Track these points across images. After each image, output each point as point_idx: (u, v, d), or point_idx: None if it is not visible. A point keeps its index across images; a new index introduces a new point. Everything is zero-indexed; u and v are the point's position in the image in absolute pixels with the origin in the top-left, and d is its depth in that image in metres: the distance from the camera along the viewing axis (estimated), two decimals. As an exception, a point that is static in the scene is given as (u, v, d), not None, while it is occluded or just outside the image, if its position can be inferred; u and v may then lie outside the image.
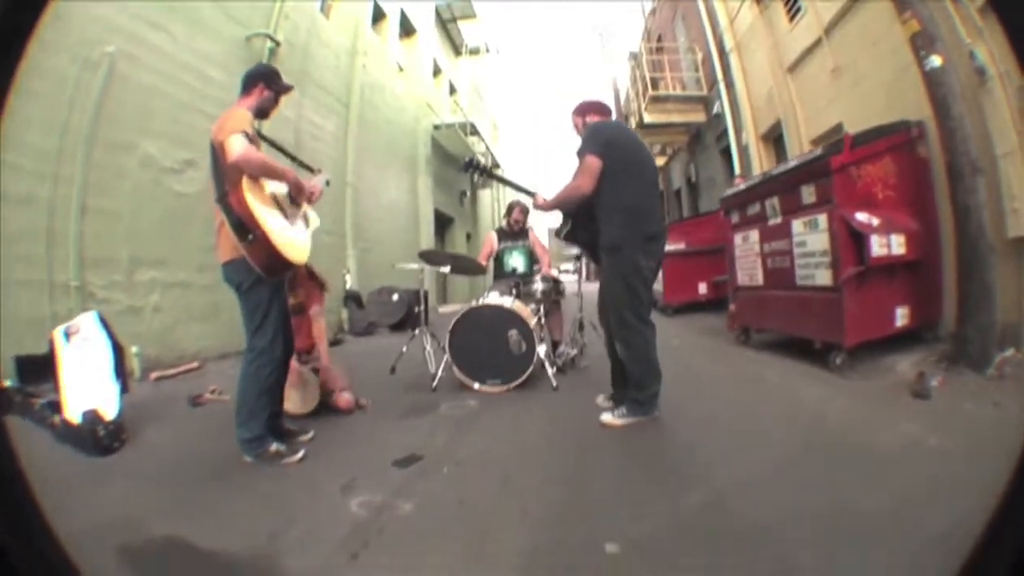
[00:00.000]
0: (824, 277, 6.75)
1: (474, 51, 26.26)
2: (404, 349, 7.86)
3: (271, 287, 4.29)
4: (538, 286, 7.40)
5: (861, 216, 6.44)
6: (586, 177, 4.87)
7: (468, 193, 26.43)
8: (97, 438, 4.38)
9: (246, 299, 4.30)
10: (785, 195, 7.71)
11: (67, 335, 4.75)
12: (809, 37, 10.77)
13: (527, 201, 6.27)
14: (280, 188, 4.36)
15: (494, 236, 8.55)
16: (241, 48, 9.96)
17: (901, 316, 6.54)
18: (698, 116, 18.22)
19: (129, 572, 2.66)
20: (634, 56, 21.53)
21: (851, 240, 6.41)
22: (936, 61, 6.18)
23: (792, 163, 7.65)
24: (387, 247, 15.89)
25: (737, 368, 7.26)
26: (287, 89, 4.75)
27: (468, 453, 4.48)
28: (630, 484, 3.66)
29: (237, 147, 3.88)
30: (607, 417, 4.94)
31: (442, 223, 20.89)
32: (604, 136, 5.02)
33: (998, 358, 5.52)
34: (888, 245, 6.33)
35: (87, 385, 4.62)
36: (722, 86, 15.60)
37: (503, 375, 6.42)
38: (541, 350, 6.41)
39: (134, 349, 7.00)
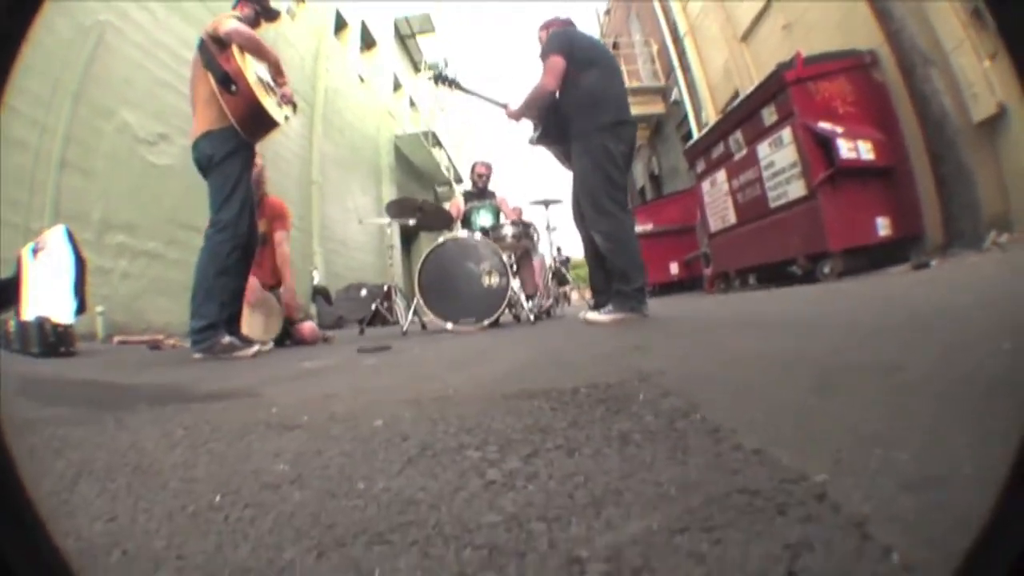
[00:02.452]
0: (797, 189, 6.71)
1: (433, 67, 26.25)
2: (373, 307, 7.65)
3: (242, 162, 4.30)
4: (508, 230, 7.12)
5: (824, 124, 6.43)
6: (549, 75, 4.81)
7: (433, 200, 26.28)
8: (45, 335, 4.21)
9: (216, 172, 4.23)
10: (747, 124, 7.70)
11: (34, 251, 4.66)
12: (759, 1, 10.81)
13: (487, 159, 6.16)
14: (263, 74, 4.44)
15: (460, 198, 8.36)
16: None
17: (883, 226, 6.45)
18: (657, 108, 18.39)
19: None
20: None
21: (818, 146, 6.38)
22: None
23: (749, 89, 7.66)
24: (353, 251, 15.69)
25: (723, 304, 7.02)
26: (270, 11, 4.82)
27: (439, 347, 4.30)
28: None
29: (230, 23, 4.16)
30: (591, 315, 4.72)
31: (407, 239, 20.73)
32: (562, 36, 4.99)
33: (991, 236, 5.42)
34: (856, 149, 6.31)
35: (45, 295, 4.49)
36: (679, 71, 15.81)
37: (476, 312, 6.13)
38: (515, 284, 6.21)
39: (99, 308, 6.87)
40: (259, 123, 4.29)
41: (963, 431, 1.02)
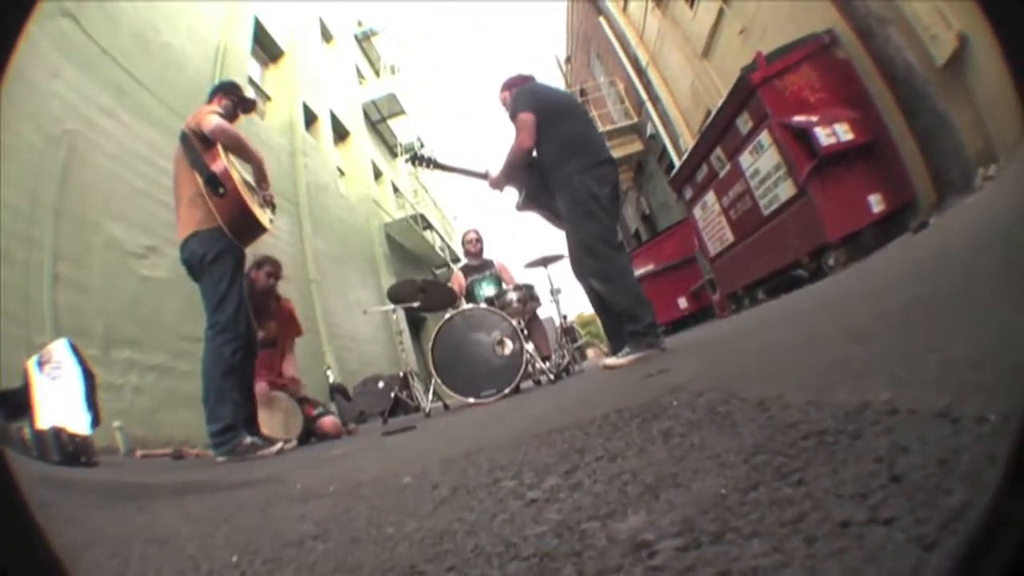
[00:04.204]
0: (787, 190, 6.67)
1: (408, 149, 26.56)
2: (392, 395, 7.55)
3: (234, 261, 4.23)
4: (512, 295, 6.99)
5: (799, 118, 6.42)
6: (523, 133, 4.79)
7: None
8: (63, 444, 4.02)
9: (209, 273, 4.17)
10: (724, 138, 7.72)
11: (40, 364, 4.50)
12: (712, 12, 11.05)
13: (478, 227, 6.12)
14: (247, 175, 4.50)
15: (460, 274, 8.28)
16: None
17: (876, 203, 6.35)
18: (635, 146, 18.44)
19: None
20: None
21: (797, 141, 6.36)
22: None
23: (718, 103, 7.70)
24: (363, 344, 15.61)
25: (737, 320, 7.01)
26: (247, 101, 4.89)
27: (463, 418, 4.28)
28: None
29: (215, 119, 4.15)
30: (610, 360, 4.55)
31: (415, 322, 20.69)
32: (527, 93, 4.99)
33: (979, 173, 5.35)
34: (834, 134, 6.25)
35: (58, 407, 4.31)
36: (649, 104, 15.86)
37: (496, 382, 5.85)
38: (530, 347, 6.11)
39: (116, 423, 6.68)
40: (248, 227, 4.26)
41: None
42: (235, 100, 4.71)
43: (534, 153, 4.88)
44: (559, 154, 4.70)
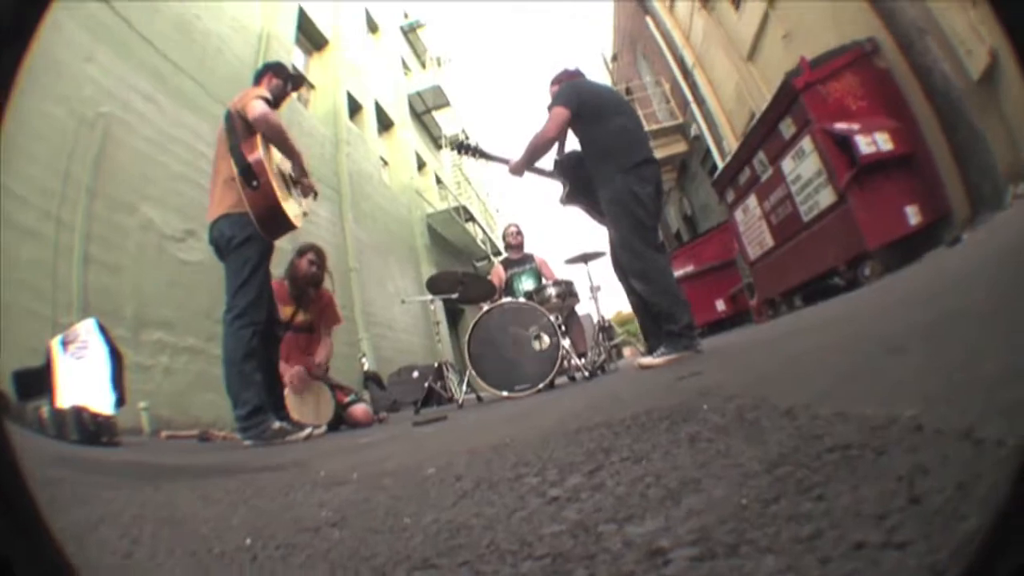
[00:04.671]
0: (827, 197, 6.59)
1: (453, 139, 26.47)
2: (426, 385, 7.58)
3: (261, 248, 4.25)
4: (551, 291, 6.94)
5: (840, 125, 6.36)
6: (550, 124, 4.79)
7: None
8: (83, 423, 4.02)
9: (235, 255, 4.20)
10: (767, 142, 7.65)
11: (64, 343, 4.51)
12: (757, 15, 10.92)
13: (519, 222, 6.18)
14: (284, 167, 4.49)
15: (500, 267, 8.28)
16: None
17: (912, 215, 6.24)
18: (679, 147, 18.31)
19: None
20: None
21: (838, 148, 6.30)
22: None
23: (762, 106, 7.64)
24: (400, 333, 15.69)
25: (773, 327, 6.91)
26: (298, 79, 4.92)
27: (495, 411, 4.25)
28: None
29: (260, 107, 4.12)
30: (646, 359, 4.52)
31: (453, 313, 20.69)
32: (570, 89, 4.95)
33: (1011, 192, 5.24)
34: (875, 143, 6.17)
35: (82, 386, 4.35)
36: (694, 105, 15.73)
37: (530, 377, 5.83)
38: (566, 343, 6.08)
39: (142, 404, 6.75)
40: (276, 223, 4.24)
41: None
42: (285, 78, 4.74)
43: (567, 147, 5.04)
44: (602, 151, 4.68)
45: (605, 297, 40.41)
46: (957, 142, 5.77)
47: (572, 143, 5.07)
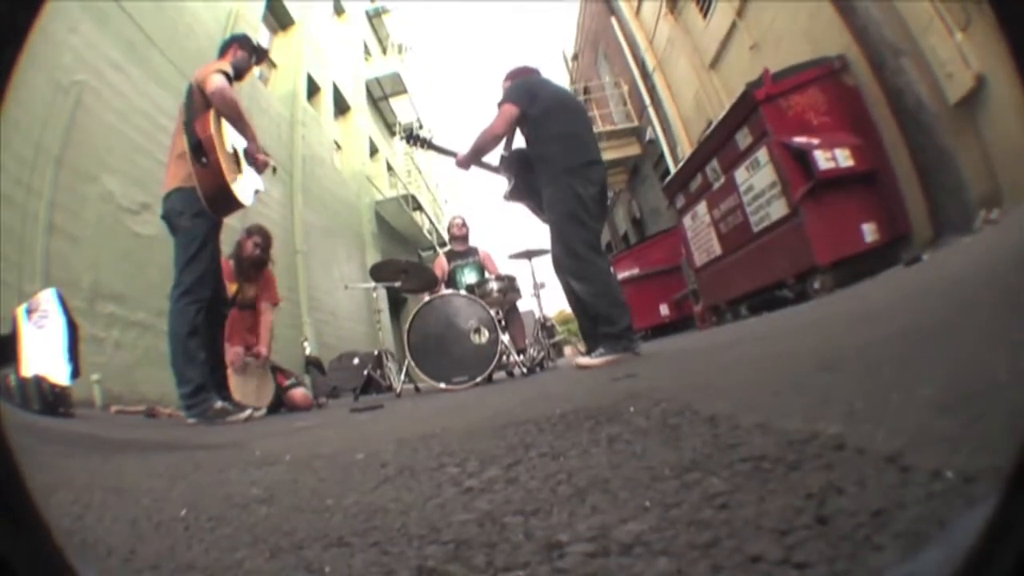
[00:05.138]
0: (779, 209, 6.66)
1: (407, 128, 26.22)
2: (366, 373, 7.53)
3: (209, 225, 4.23)
4: (493, 285, 6.95)
5: (799, 139, 6.41)
6: (498, 120, 4.80)
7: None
8: (43, 393, 4.09)
9: (183, 232, 4.20)
10: (722, 151, 7.71)
11: (28, 312, 4.52)
12: (725, 24, 11.02)
13: (465, 214, 6.16)
14: (239, 144, 4.45)
15: (443, 258, 8.23)
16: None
17: (870, 232, 6.36)
18: (633, 149, 18.35)
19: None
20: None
21: (795, 162, 6.35)
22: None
23: (720, 115, 7.69)
24: (343, 320, 15.59)
25: (714, 334, 6.99)
26: (261, 52, 4.90)
27: (431, 402, 4.26)
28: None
29: (217, 81, 4.10)
30: (584, 359, 4.53)
31: (395, 302, 20.60)
32: (521, 86, 4.96)
33: (981, 215, 5.36)
34: (834, 159, 6.24)
35: (41, 356, 4.36)
36: (651, 109, 15.85)
37: (468, 370, 5.86)
38: (505, 338, 6.09)
39: (94, 376, 6.67)
40: (224, 201, 4.22)
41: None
42: (250, 50, 4.72)
43: (515, 145, 5.02)
44: (548, 150, 4.70)
45: (548, 295, 40.56)
46: (923, 163, 5.86)
47: (521, 140, 5.06)
